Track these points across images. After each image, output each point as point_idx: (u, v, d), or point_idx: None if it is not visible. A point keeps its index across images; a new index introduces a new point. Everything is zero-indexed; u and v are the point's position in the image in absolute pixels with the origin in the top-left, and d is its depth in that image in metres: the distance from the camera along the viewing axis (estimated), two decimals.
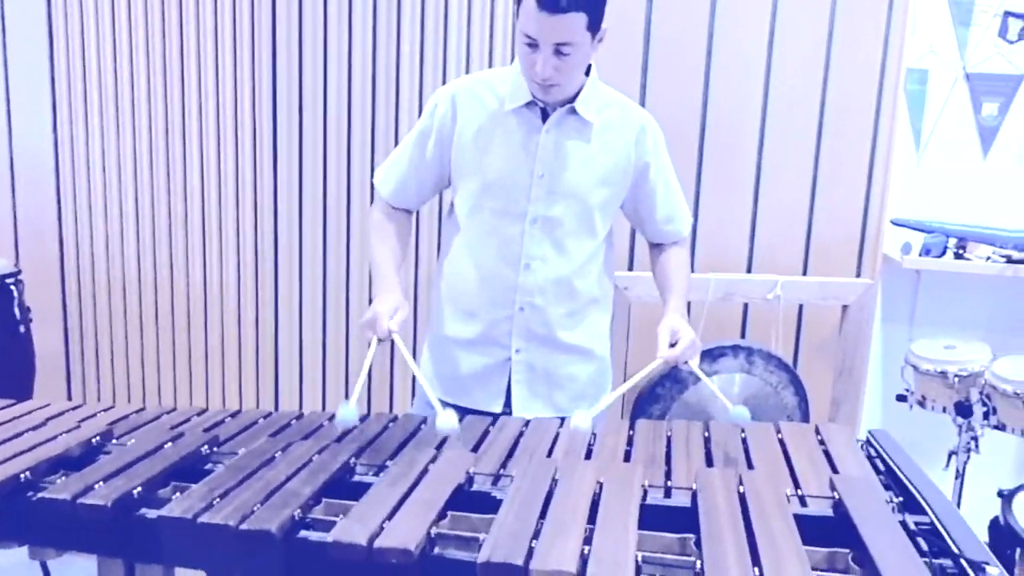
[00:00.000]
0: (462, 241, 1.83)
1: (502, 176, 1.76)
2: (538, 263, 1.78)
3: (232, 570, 1.22)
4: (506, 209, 1.77)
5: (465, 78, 1.86)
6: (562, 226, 1.77)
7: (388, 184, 1.89)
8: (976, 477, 2.04)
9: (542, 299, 1.80)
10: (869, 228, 2.60)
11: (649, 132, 1.82)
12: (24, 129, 2.86)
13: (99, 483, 1.28)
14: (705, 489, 1.30)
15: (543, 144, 1.75)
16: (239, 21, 2.44)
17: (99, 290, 2.85)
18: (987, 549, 1.15)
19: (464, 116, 1.78)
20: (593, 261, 1.84)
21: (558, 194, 1.76)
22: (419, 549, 1.12)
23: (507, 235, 1.78)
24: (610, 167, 1.78)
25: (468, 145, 1.78)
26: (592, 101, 1.76)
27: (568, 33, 1.59)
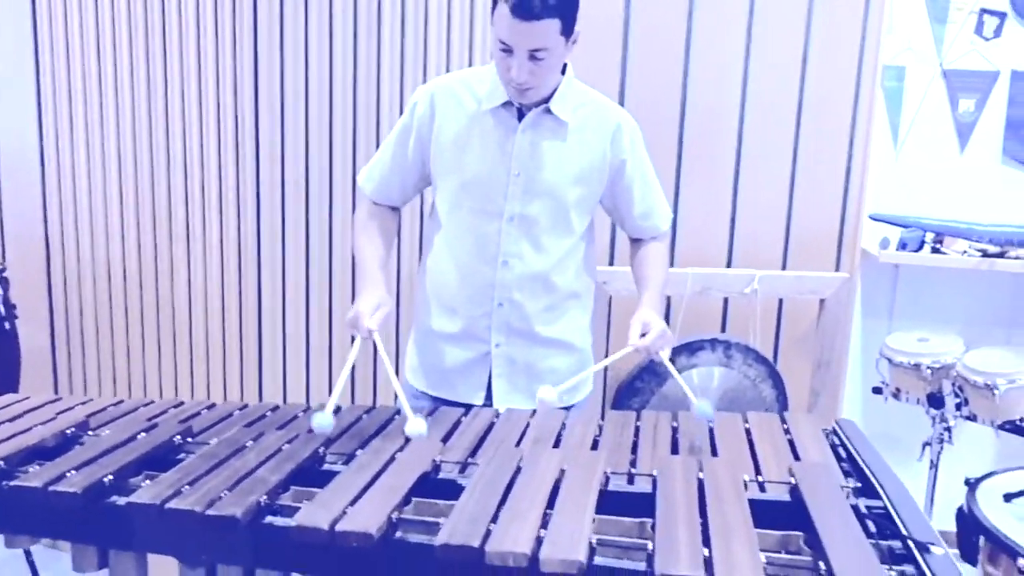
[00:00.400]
0: (442, 239, 1.86)
1: (479, 175, 1.79)
2: (515, 260, 1.82)
3: (200, 555, 1.25)
4: (484, 207, 1.80)
5: (445, 77, 1.89)
6: (538, 224, 1.80)
7: (371, 182, 1.93)
8: (951, 467, 2.07)
9: (520, 295, 1.83)
10: (847, 223, 2.64)
11: (625, 130, 1.84)
12: (9, 127, 2.89)
13: (71, 471, 1.31)
14: (665, 475, 1.33)
15: (519, 144, 1.78)
16: (221, 19, 2.47)
17: (84, 287, 2.88)
18: (934, 531, 1.19)
19: (443, 116, 1.81)
20: (571, 257, 1.87)
21: (534, 193, 1.79)
22: (380, 532, 1.16)
23: (485, 233, 1.81)
24: (586, 165, 1.81)
25: (446, 144, 1.81)
26: (568, 100, 1.79)
27: (542, 39, 1.62)
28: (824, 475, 1.33)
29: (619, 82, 2.57)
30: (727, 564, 1.06)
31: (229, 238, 2.58)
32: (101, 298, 2.86)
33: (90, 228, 2.82)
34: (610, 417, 1.69)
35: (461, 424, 1.64)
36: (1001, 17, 2.58)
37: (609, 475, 1.38)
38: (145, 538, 1.27)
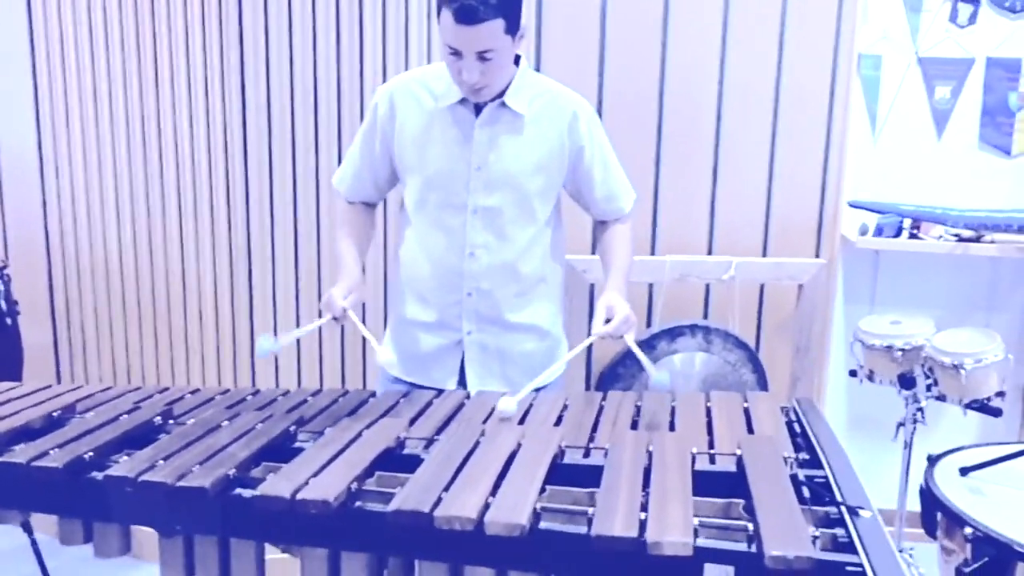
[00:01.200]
0: (413, 233, 1.94)
1: (441, 171, 1.86)
2: (481, 251, 1.88)
3: (174, 525, 1.33)
4: (448, 201, 1.87)
5: (402, 76, 1.95)
6: (502, 214, 1.87)
7: (344, 183, 2.02)
8: (927, 448, 2.12)
9: (488, 283, 1.90)
10: (826, 210, 2.69)
11: (582, 116, 1.90)
12: (8, 128, 2.98)
13: (55, 449, 1.40)
14: (616, 448, 1.40)
15: (477, 138, 1.84)
16: (209, 25, 2.54)
17: (84, 283, 2.97)
18: (867, 497, 1.25)
19: (403, 114, 1.88)
20: (536, 244, 1.92)
21: (495, 184, 1.85)
22: (338, 501, 1.23)
23: (451, 226, 1.88)
24: (544, 155, 1.87)
25: (408, 143, 1.89)
26: (523, 92, 1.85)
27: (488, 40, 1.67)
28: (768, 447, 1.39)
29: (597, 72, 2.64)
30: (660, 526, 1.13)
31: (220, 234, 2.66)
32: (100, 294, 2.95)
33: (88, 226, 2.91)
34: (575, 397, 1.76)
35: (432, 405, 1.72)
36: (975, 4, 2.63)
37: (564, 449, 1.45)
38: (123, 510, 1.35)
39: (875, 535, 1.15)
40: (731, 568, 1.12)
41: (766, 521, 1.14)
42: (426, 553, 1.24)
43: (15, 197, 3.04)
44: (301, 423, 1.57)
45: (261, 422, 1.53)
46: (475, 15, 1.64)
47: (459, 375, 1.98)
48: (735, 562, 1.12)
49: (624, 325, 1.80)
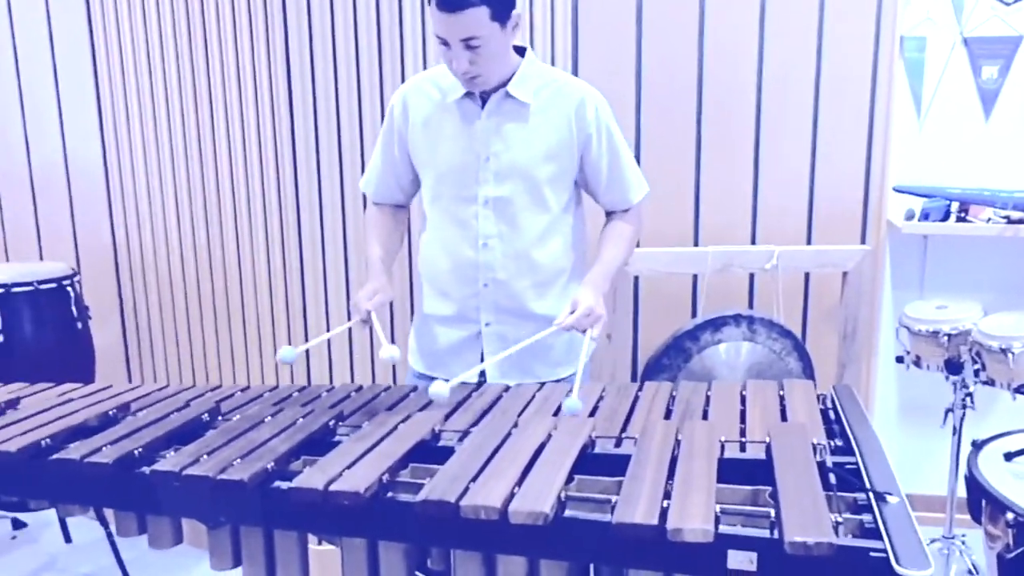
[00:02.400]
0: (431, 227, 1.95)
1: (452, 164, 1.86)
2: (495, 240, 1.88)
3: (218, 517, 1.37)
4: (460, 194, 1.87)
5: (414, 77, 1.97)
6: (513, 204, 1.86)
7: (370, 186, 2.04)
8: (976, 434, 2.05)
9: (504, 274, 1.89)
10: (871, 196, 2.62)
11: (589, 104, 1.86)
12: (75, 146, 3.10)
13: (107, 446, 1.45)
14: (646, 437, 1.39)
15: (485, 129, 1.84)
16: (256, 39, 2.60)
17: (149, 287, 3.07)
18: (897, 483, 1.22)
19: (414, 113, 1.90)
20: (552, 234, 1.91)
21: (505, 175, 1.85)
22: (369, 492, 1.25)
23: (463, 218, 1.88)
24: (553, 143, 1.85)
25: (420, 139, 1.90)
26: (528, 82, 1.83)
27: (472, 28, 1.66)
28: (798, 434, 1.36)
29: (635, 64, 2.61)
30: (681, 513, 1.12)
31: (273, 239, 2.72)
32: (164, 298, 3.05)
33: (151, 232, 3.01)
34: (611, 388, 1.75)
35: (470, 398, 1.73)
36: None
37: (595, 439, 1.44)
38: (171, 503, 1.39)
39: (901, 521, 1.12)
40: (754, 554, 1.10)
41: (788, 508, 1.12)
42: (455, 542, 1.25)
43: (84, 210, 3.16)
44: (341, 418, 1.59)
45: (302, 417, 1.56)
46: (458, 2, 1.63)
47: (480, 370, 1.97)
48: (758, 549, 1.10)
49: (585, 319, 1.77)
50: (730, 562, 1.11)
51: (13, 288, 2.70)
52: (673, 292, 2.70)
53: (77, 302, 2.87)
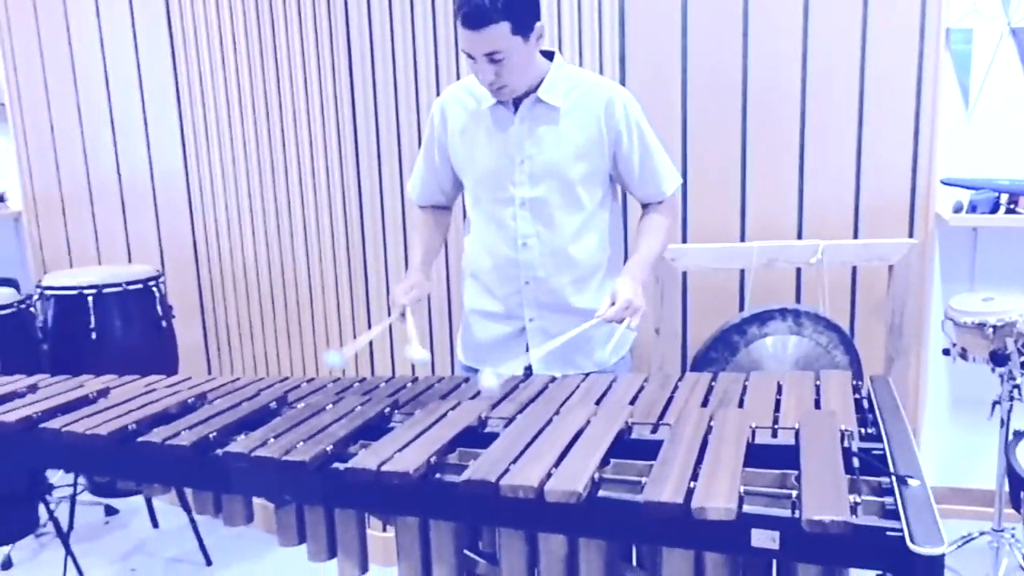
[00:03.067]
0: (473, 228, 2.03)
1: (489, 168, 1.93)
2: (533, 240, 1.94)
3: (283, 495, 1.46)
4: (497, 196, 1.94)
5: (451, 87, 2.04)
6: (548, 204, 1.91)
7: (415, 190, 2.14)
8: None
9: (543, 271, 1.95)
10: (919, 189, 2.60)
11: (617, 103, 1.90)
12: (161, 157, 3.26)
13: (185, 430, 1.56)
14: (679, 423, 1.44)
15: (518, 133, 1.90)
16: (322, 58, 2.71)
17: (227, 287, 3.21)
18: (920, 469, 1.24)
19: (451, 121, 1.97)
20: (587, 230, 1.95)
21: (539, 176, 1.90)
22: (418, 473, 1.33)
23: (502, 219, 1.95)
24: (583, 143, 1.89)
25: (458, 146, 1.97)
26: (557, 86, 1.88)
27: (495, 43, 1.72)
28: (827, 421, 1.39)
29: (681, 62, 2.62)
30: (706, 493, 1.16)
31: (339, 245, 2.82)
32: (240, 297, 3.19)
33: (228, 236, 3.15)
34: (652, 378, 1.79)
35: (518, 388, 1.79)
36: None
37: (632, 425, 1.49)
38: (241, 483, 1.49)
39: (920, 502, 1.14)
40: (776, 533, 1.14)
41: (809, 489, 1.15)
42: (497, 520, 1.32)
43: (168, 216, 3.33)
44: (396, 406, 1.67)
45: (360, 405, 1.65)
46: (480, 19, 1.69)
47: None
48: (780, 527, 1.13)
49: (625, 311, 1.80)
50: (754, 540, 1.15)
51: (104, 289, 2.86)
52: (721, 287, 2.72)
53: (162, 301, 3.02)
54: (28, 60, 3.53)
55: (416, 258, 2.04)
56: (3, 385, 1.92)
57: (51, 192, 3.62)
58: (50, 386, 1.92)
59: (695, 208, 2.69)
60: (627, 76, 2.64)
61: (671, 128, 2.65)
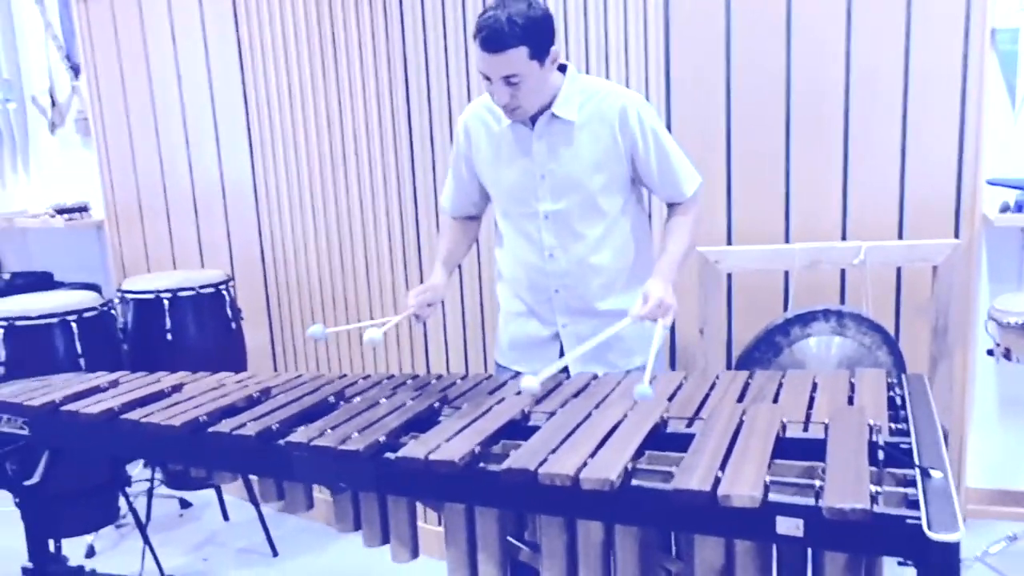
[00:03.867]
0: (504, 240, 2.09)
1: (513, 185, 1.98)
2: (559, 251, 1.98)
3: (339, 483, 1.54)
4: (523, 211, 1.99)
5: (473, 104, 2.08)
6: (570, 216, 1.95)
7: (447, 201, 2.20)
8: None
9: (571, 279, 2.00)
10: (964, 189, 2.57)
11: (631, 110, 1.91)
12: (231, 168, 3.40)
13: (250, 422, 1.65)
14: (713, 417, 1.48)
15: (536, 150, 1.94)
16: (380, 77, 2.81)
17: (292, 292, 3.33)
18: (945, 462, 1.26)
19: (475, 139, 2.03)
20: (610, 237, 1.99)
21: (560, 190, 1.94)
22: (463, 462, 1.39)
23: (528, 231, 2.00)
24: (600, 154, 1.92)
25: (484, 164, 2.03)
26: (571, 101, 1.91)
27: (512, 66, 1.76)
28: (856, 416, 1.42)
29: (724, 65, 2.63)
30: (732, 482, 1.20)
31: (396, 252, 2.92)
32: (304, 300, 3.30)
33: (293, 244, 3.27)
34: (693, 375, 1.82)
35: (561, 385, 1.84)
36: None
37: (667, 419, 1.53)
38: (301, 471, 1.58)
39: (941, 493, 1.16)
40: (800, 521, 1.17)
41: (832, 478, 1.19)
42: (537, 507, 1.37)
43: (237, 223, 3.46)
44: (445, 401, 1.74)
45: (412, 399, 1.73)
46: (499, 44, 1.73)
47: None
48: (804, 515, 1.17)
49: (657, 309, 1.81)
50: (779, 527, 1.19)
51: (179, 293, 3.00)
52: (765, 287, 2.73)
53: (232, 305, 3.16)
54: (110, 81, 3.71)
55: (437, 262, 2.10)
56: (87, 381, 2.05)
57: (130, 202, 3.79)
58: (130, 382, 2.05)
59: (739, 210, 2.71)
60: (672, 79, 2.66)
61: (715, 130, 2.67)
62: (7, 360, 2.72)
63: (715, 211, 2.70)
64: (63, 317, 2.78)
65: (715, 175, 2.68)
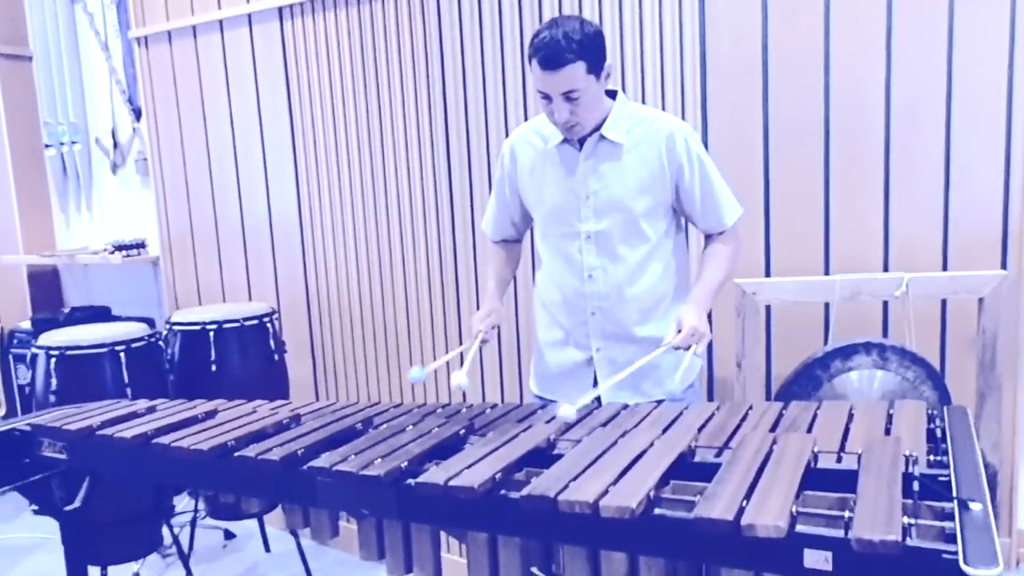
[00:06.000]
0: (544, 262, 2.06)
1: (556, 204, 1.96)
2: (599, 272, 1.95)
3: (360, 509, 1.51)
4: (564, 231, 1.97)
5: (520, 127, 2.09)
6: (612, 237, 1.93)
7: (489, 226, 2.20)
8: None
9: (608, 303, 1.96)
10: (1011, 219, 2.47)
11: (678, 137, 1.91)
12: (279, 203, 3.45)
13: (276, 447, 1.63)
14: (741, 446, 1.41)
15: (582, 171, 1.92)
16: (421, 123, 2.84)
17: (334, 325, 3.35)
18: (984, 493, 1.18)
19: (521, 160, 2.02)
20: (651, 262, 1.96)
21: (604, 211, 1.92)
22: (483, 488, 1.35)
23: (569, 252, 1.97)
24: (646, 177, 1.91)
25: (527, 184, 2.02)
26: (620, 123, 1.91)
27: (571, 82, 1.76)
28: (892, 447, 1.34)
29: (762, 92, 2.59)
30: (757, 511, 1.14)
31: (435, 287, 2.92)
32: (347, 333, 3.31)
33: (336, 278, 3.29)
34: (724, 406, 1.76)
35: (591, 414, 1.79)
36: None
37: (695, 448, 1.47)
38: (325, 496, 1.55)
39: (980, 525, 1.08)
40: (829, 554, 1.10)
41: (862, 509, 1.12)
42: (557, 536, 1.32)
43: (284, 257, 3.50)
44: (472, 428, 1.70)
45: (438, 427, 1.69)
46: (558, 61, 1.74)
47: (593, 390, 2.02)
48: (832, 548, 1.10)
49: (691, 338, 1.79)
50: (806, 561, 1.12)
51: (224, 325, 3.03)
52: (806, 320, 2.64)
53: (275, 337, 3.18)
54: (168, 123, 3.81)
55: (490, 286, 2.09)
56: (126, 407, 2.06)
57: (184, 238, 3.87)
58: (166, 408, 2.05)
59: (778, 241, 2.64)
60: (708, 108, 2.63)
61: (753, 161, 2.62)
62: (58, 388, 2.77)
63: (754, 242, 2.63)
64: (112, 347, 2.82)
65: (754, 206, 2.62)
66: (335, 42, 3.07)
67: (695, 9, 2.59)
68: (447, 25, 2.73)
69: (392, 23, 2.86)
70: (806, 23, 2.54)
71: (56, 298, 4.70)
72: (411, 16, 2.78)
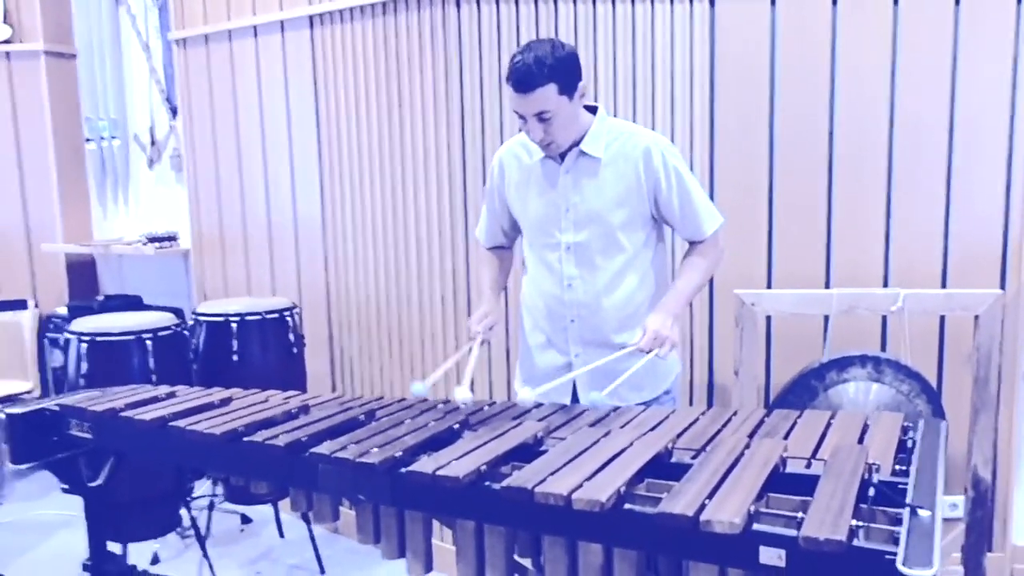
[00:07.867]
0: (528, 270, 2.15)
1: (539, 215, 2.05)
2: (577, 281, 2.03)
3: (357, 495, 1.59)
4: (546, 241, 2.05)
5: (508, 142, 2.17)
6: (590, 248, 2.00)
7: (482, 234, 2.30)
8: None
9: (586, 311, 2.04)
10: (1011, 238, 2.51)
11: (655, 152, 1.97)
12: (303, 203, 3.56)
13: (282, 434, 1.73)
14: (715, 448, 1.48)
15: (563, 183, 2.00)
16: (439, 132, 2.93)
17: (352, 322, 3.44)
18: (936, 503, 1.23)
19: (508, 174, 2.11)
20: (628, 271, 2.02)
21: (582, 222, 1.99)
22: (468, 479, 1.43)
23: (550, 262, 2.05)
24: (623, 190, 1.98)
25: (514, 196, 2.10)
26: (599, 139, 1.97)
27: (543, 103, 1.84)
28: (856, 455, 1.40)
29: (768, 109, 2.64)
30: (716, 509, 1.21)
31: (447, 290, 3.00)
32: (364, 331, 3.40)
33: (355, 277, 3.39)
34: (709, 412, 1.81)
35: (582, 415, 1.86)
36: None
37: (672, 449, 1.54)
38: (325, 481, 1.64)
39: (924, 531, 1.14)
40: (783, 551, 1.17)
41: (814, 510, 1.18)
42: (535, 526, 1.40)
43: (306, 255, 3.61)
44: (466, 424, 1.78)
45: (434, 421, 1.77)
46: (529, 83, 1.81)
47: (571, 393, 2.10)
48: (786, 546, 1.16)
49: (654, 342, 1.87)
50: (762, 557, 1.18)
51: (246, 317, 3.14)
52: (804, 332, 2.69)
53: (294, 331, 3.27)
54: (202, 122, 3.94)
55: (487, 289, 2.18)
56: (148, 392, 2.17)
57: (213, 233, 4.00)
58: (185, 394, 2.16)
59: (780, 254, 2.69)
60: (716, 125, 2.68)
61: (758, 175, 2.67)
62: (88, 372, 2.89)
63: (756, 254, 2.69)
64: (139, 335, 2.94)
65: (757, 219, 2.68)
66: (361, 50, 3.17)
67: (704, 27, 2.65)
68: (467, 38, 2.82)
69: (415, 35, 2.95)
70: (812, 43, 2.60)
71: (92, 286, 4.87)
72: (432, 28, 2.88)
